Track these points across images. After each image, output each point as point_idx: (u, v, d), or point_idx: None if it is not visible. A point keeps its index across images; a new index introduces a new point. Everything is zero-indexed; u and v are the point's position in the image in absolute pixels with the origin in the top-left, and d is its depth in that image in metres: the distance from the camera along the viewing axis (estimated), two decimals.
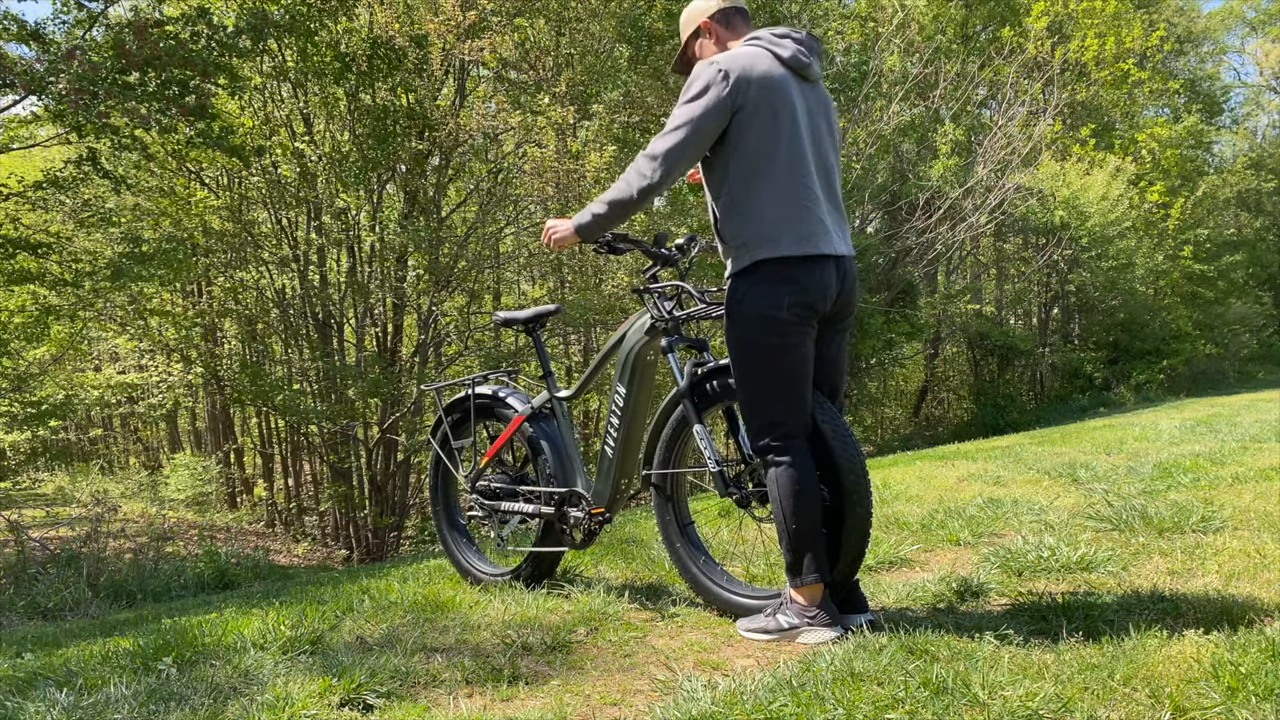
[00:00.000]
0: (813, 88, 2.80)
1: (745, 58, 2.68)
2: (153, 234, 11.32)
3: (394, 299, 12.12)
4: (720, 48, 2.87)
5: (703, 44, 2.91)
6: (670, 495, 3.11)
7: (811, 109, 2.76)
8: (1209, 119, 26.47)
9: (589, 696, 2.34)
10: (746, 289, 2.68)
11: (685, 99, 2.69)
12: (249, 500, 17.14)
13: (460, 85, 11.90)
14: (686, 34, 2.96)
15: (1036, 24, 19.37)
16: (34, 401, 11.91)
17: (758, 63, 2.67)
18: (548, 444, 3.35)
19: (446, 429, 3.70)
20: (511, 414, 3.48)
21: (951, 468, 6.10)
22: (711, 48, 2.89)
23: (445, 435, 3.70)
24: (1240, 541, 3.37)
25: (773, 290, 2.64)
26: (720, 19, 2.88)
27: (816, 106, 2.79)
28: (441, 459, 3.75)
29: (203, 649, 2.83)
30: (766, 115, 2.64)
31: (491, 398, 3.57)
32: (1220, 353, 23.55)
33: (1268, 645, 2.18)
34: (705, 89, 2.65)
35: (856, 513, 2.66)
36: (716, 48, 2.88)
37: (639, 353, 3.09)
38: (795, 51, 2.74)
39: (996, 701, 2.02)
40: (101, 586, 5.97)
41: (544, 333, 3.57)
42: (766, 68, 2.67)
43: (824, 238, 2.67)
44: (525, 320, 3.52)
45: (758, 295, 2.66)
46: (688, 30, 2.95)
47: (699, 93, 2.66)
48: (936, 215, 16.22)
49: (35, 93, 7.68)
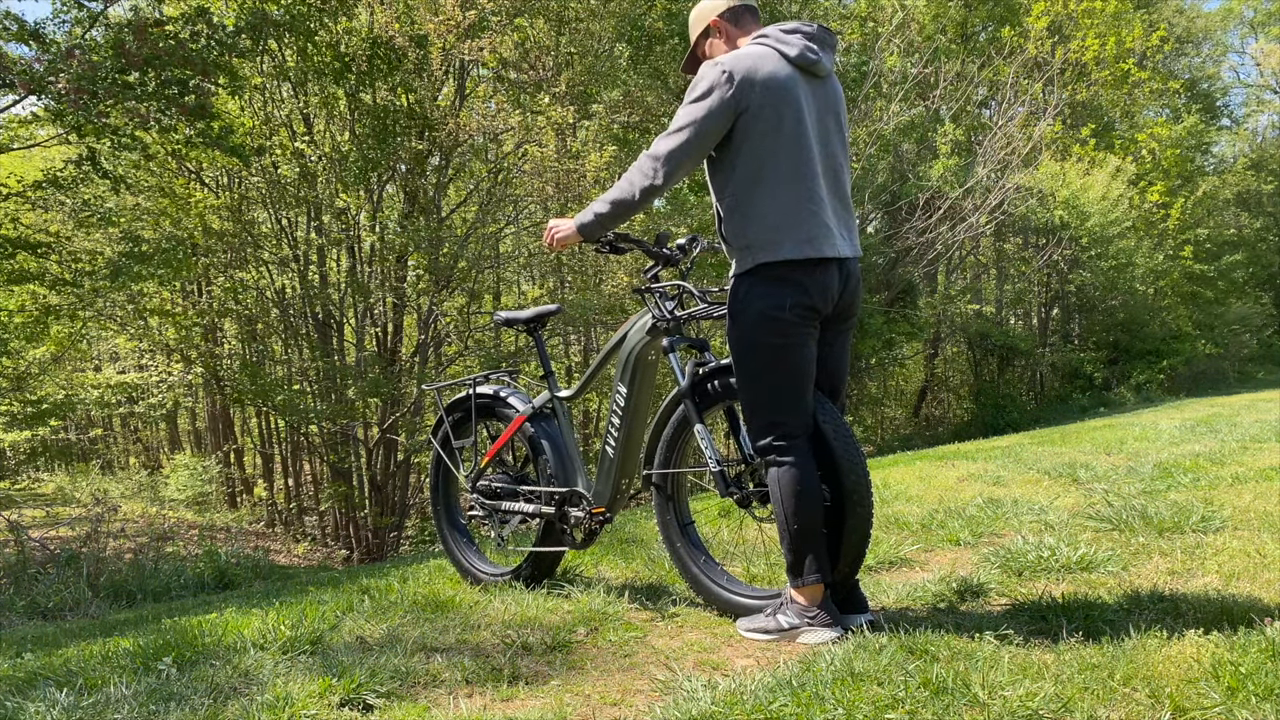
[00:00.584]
0: (823, 84, 2.77)
1: (750, 58, 2.66)
2: (152, 234, 11.32)
3: (394, 299, 12.12)
4: (730, 46, 2.85)
5: (712, 43, 2.90)
6: (671, 495, 3.10)
7: (821, 108, 2.74)
8: (1208, 119, 26.47)
9: (589, 696, 2.34)
10: (749, 289, 2.68)
11: (690, 99, 2.69)
12: (249, 500, 17.14)
13: (460, 85, 11.90)
14: (696, 33, 2.94)
15: (1036, 24, 19.36)
16: (34, 401, 11.92)
17: (763, 63, 2.65)
18: (548, 444, 3.35)
19: (448, 429, 3.70)
20: (513, 414, 3.48)
21: (951, 468, 6.10)
22: (721, 46, 2.87)
23: (446, 435, 3.70)
24: (1240, 541, 3.37)
25: (775, 291, 2.64)
26: (730, 17, 2.87)
27: (826, 105, 2.76)
28: (442, 459, 3.75)
29: (203, 649, 2.83)
30: (771, 118, 2.63)
31: (493, 397, 3.57)
32: (1220, 353, 23.54)
33: (1268, 645, 2.18)
34: (709, 90, 2.65)
35: (857, 513, 2.66)
36: (726, 46, 2.86)
37: (640, 353, 3.09)
38: (803, 49, 2.71)
39: (996, 701, 2.02)
40: (101, 586, 5.96)
41: (544, 333, 3.57)
42: (772, 68, 2.65)
43: (827, 240, 2.67)
44: (526, 320, 3.52)
45: (760, 295, 2.66)
46: (697, 29, 2.94)
47: (703, 94, 2.65)
48: (936, 215, 16.22)
49: (35, 92, 7.68)
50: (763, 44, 2.74)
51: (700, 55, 2.94)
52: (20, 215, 9.95)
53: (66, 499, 15.55)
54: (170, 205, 11.77)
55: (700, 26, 2.92)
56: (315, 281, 12.26)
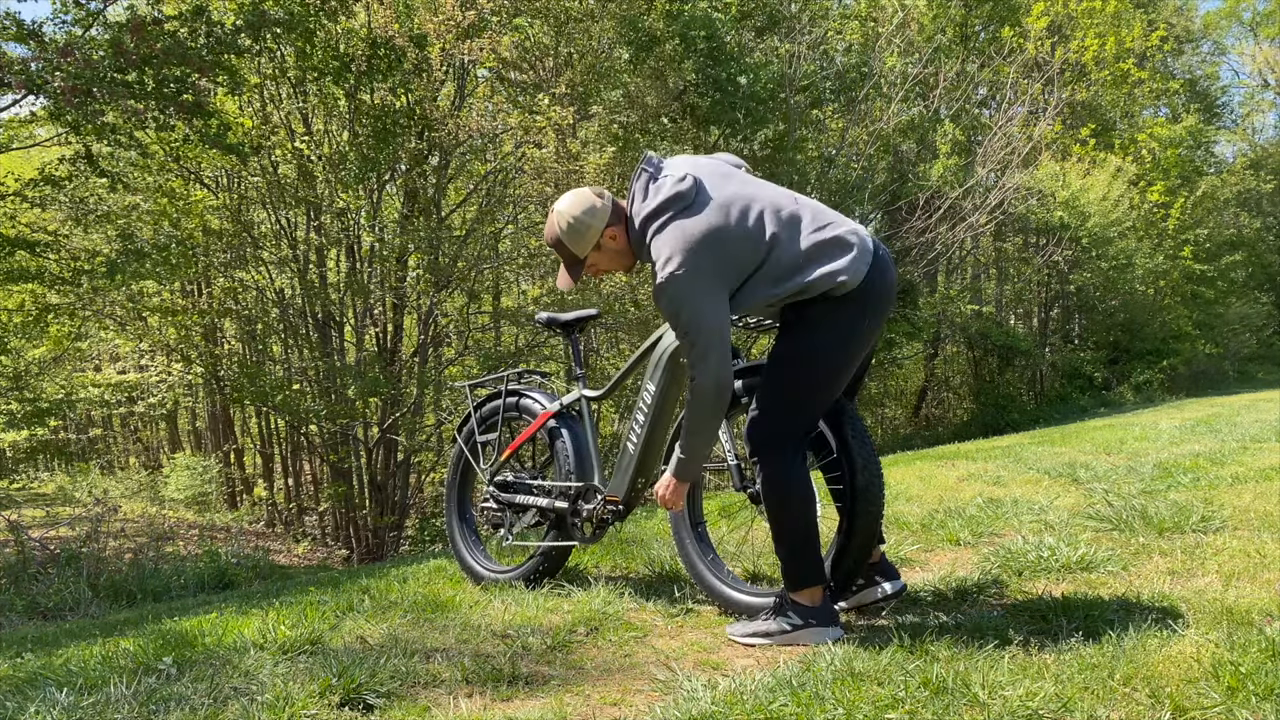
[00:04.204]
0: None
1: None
2: (151, 234, 11.31)
3: (394, 299, 12.11)
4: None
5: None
6: (689, 491, 3.13)
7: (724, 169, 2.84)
8: (1207, 119, 26.46)
9: (589, 696, 2.34)
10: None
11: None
12: (249, 500, 17.14)
13: (460, 85, 11.89)
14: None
15: (1036, 24, 19.35)
16: (32, 399, 11.91)
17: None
18: (570, 441, 3.42)
19: (474, 424, 3.75)
20: (540, 410, 3.55)
21: (951, 468, 6.10)
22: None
23: (471, 431, 3.76)
24: (1240, 541, 3.37)
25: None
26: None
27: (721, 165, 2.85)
28: (464, 454, 3.79)
29: (203, 649, 2.83)
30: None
31: (522, 395, 3.65)
32: (1220, 353, 23.55)
33: (1268, 645, 2.18)
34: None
35: (869, 512, 2.67)
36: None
37: (675, 353, 3.10)
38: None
39: (996, 701, 2.02)
40: (101, 586, 5.96)
41: (581, 336, 3.67)
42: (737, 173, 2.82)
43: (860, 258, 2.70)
44: (565, 323, 3.60)
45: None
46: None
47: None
48: (936, 215, 16.22)
49: (32, 92, 7.67)
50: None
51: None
52: (19, 214, 9.94)
53: (66, 499, 15.56)
54: (169, 205, 11.77)
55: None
56: (315, 281, 12.25)
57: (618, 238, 2.80)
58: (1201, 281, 23.31)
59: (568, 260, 2.86)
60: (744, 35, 14.39)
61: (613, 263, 2.87)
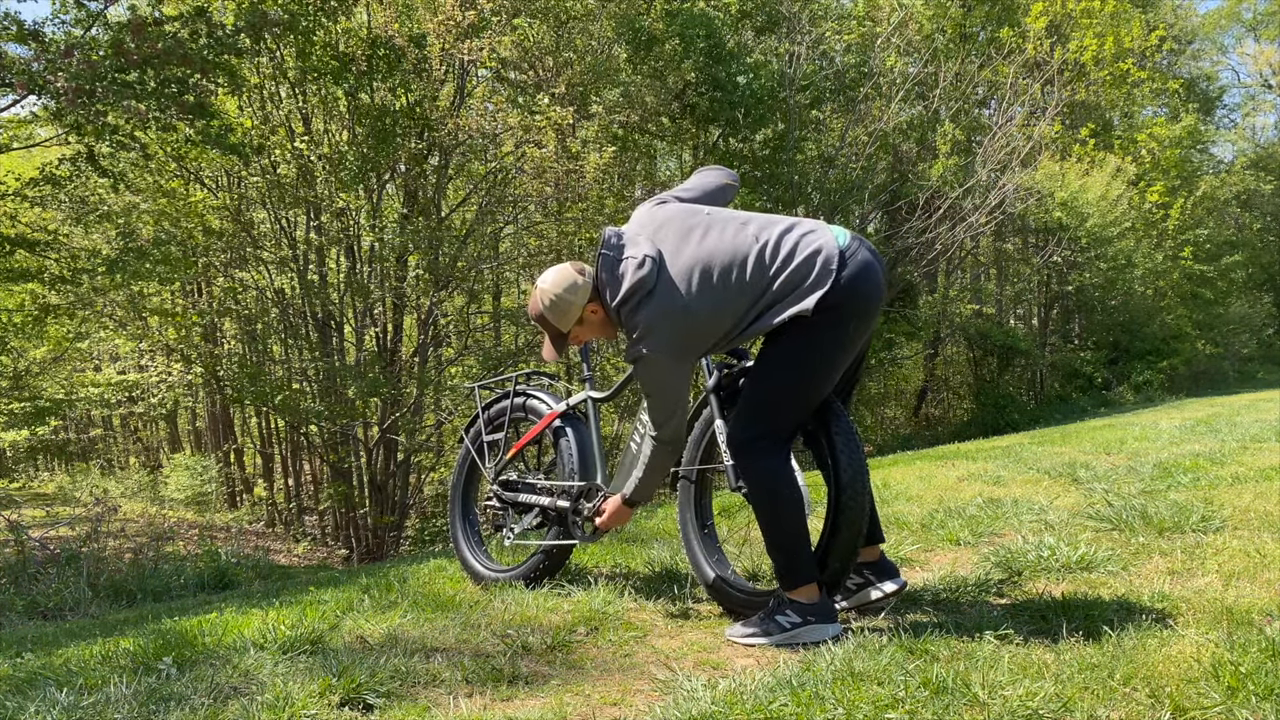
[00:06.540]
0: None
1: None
2: (151, 234, 11.30)
3: (394, 299, 12.11)
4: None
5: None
6: (697, 490, 3.16)
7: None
8: (1207, 119, 26.46)
9: (589, 696, 2.34)
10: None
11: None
12: (249, 500, 17.15)
13: (460, 85, 11.89)
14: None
15: (1036, 24, 19.34)
16: (32, 399, 11.90)
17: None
18: (575, 440, 3.46)
19: (481, 425, 3.77)
20: (546, 410, 3.58)
21: (951, 468, 6.10)
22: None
23: (479, 431, 3.78)
24: (1240, 541, 3.37)
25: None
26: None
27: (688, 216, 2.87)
28: (470, 454, 3.81)
29: (203, 649, 2.83)
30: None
31: (529, 395, 3.69)
32: (1220, 353, 23.53)
33: (1268, 645, 2.18)
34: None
35: (853, 509, 2.66)
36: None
37: None
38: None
39: (996, 701, 2.02)
40: (101, 586, 5.95)
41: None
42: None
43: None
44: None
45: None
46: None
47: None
48: (936, 215, 16.21)
49: (33, 92, 7.67)
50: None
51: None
52: (19, 213, 9.94)
53: (66, 499, 15.57)
54: (169, 205, 11.77)
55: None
56: (315, 281, 12.25)
57: (599, 312, 2.89)
58: (1201, 281, 23.29)
59: (552, 334, 2.95)
60: (743, 35, 14.40)
61: (596, 333, 2.98)
